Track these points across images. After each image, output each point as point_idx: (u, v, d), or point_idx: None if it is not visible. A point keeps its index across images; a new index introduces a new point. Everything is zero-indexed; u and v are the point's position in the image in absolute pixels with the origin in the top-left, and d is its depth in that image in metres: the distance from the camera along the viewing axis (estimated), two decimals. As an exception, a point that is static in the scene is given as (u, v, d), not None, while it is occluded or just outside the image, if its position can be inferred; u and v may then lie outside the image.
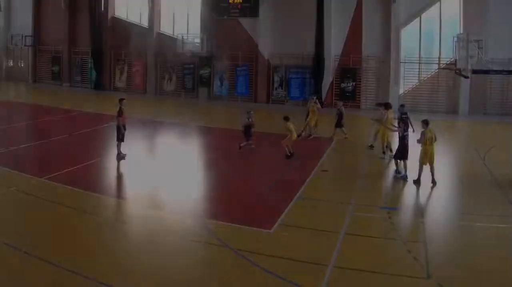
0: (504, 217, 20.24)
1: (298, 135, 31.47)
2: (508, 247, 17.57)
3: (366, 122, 35.06)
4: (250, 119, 29.74)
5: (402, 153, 25.31)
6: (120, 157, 27.98)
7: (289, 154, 28.33)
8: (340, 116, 34.45)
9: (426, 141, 24.04)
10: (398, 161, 25.52)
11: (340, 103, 36.14)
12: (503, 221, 19.82)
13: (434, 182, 24.29)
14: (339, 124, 34.46)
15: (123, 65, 64.83)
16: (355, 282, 14.76)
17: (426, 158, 24.22)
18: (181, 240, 17.43)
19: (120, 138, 28.02)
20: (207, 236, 17.78)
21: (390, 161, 28.79)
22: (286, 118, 29.24)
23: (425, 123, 24.42)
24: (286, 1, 55.11)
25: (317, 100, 36.42)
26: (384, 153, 30.41)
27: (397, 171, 25.76)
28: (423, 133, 24.14)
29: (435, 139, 24.28)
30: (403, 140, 24.90)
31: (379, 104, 33.62)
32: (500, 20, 47.28)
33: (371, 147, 32.23)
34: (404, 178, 24.86)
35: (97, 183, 23.97)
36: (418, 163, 24.44)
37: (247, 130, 29.82)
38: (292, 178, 25.47)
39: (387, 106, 31.16)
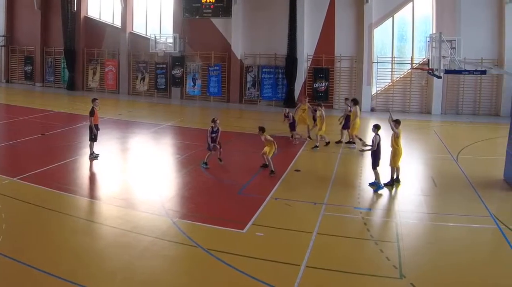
0: (477, 217, 20.35)
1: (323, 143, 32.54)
2: (480, 247, 17.71)
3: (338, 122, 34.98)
4: (215, 128, 27.59)
5: (375, 160, 24.57)
6: (93, 156, 27.97)
7: (272, 169, 26.28)
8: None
9: (399, 143, 24.10)
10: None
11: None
12: (476, 221, 19.94)
13: (398, 181, 24.64)
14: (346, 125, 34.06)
15: (96, 65, 64.59)
16: (327, 282, 14.80)
17: (399, 159, 24.32)
18: (152, 240, 17.40)
19: (93, 138, 28.02)
20: (178, 236, 17.78)
21: (361, 156, 29.21)
22: (262, 129, 27.07)
23: (398, 123, 24.38)
24: (259, 1, 55.23)
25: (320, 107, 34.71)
26: (353, 142, 32.15)
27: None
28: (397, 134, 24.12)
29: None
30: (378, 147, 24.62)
31: (347, 99, 34.34)
32: (473, 20, 47.69)
33: (339, 142, 33.38)
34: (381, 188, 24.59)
35: (69, 183, 23.85)
36: (389, 167, 24.57)
37: (214, 139, 27.85)
38: (265, 178, 25.45)
39: (355, 102, 32.83)
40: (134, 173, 26.40)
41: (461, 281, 14.83)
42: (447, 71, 27.83)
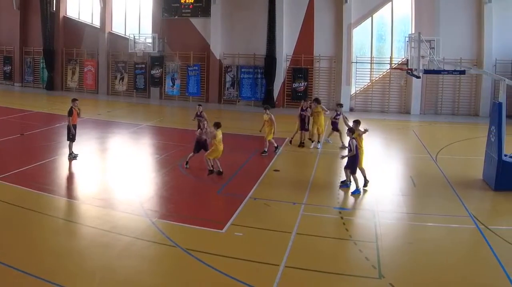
0: (456, 217, 20.41)
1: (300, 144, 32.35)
2: (459, 247, 17.75)
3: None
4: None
5: (354, 165, 24.06)
6: (72, 156, 27.81)
7: (211, 168, 25.84)
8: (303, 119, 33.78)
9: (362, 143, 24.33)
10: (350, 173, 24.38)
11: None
12: (455, 221, 20.00)
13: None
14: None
15: (75, 65, 64.37)
16: (306, 282, 14.77)
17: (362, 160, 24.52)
18: (131, 240, 17.34)
19: (71, 138, 27.88)
20: (157, 236, 17.73)
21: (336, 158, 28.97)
22: (217, 125, 25.68)
23: (358, 123, 24.52)
24: (238, 1, 55.31)
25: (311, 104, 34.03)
26: (318, 141, 32.01)
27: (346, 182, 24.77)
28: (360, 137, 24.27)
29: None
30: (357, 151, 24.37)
31: (316, 100, 33.78)
32: (452, 20, 48.05)
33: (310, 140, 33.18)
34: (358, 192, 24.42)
35: (48, 183, 23.74)
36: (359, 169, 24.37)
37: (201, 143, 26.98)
38: (244, 178, 25.39)
39: (317, 101, 32.95)
40: (113, 173, 26.31)
41: (440, 281, 14.85)
42: (426, 71, 27.90)
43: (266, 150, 30.23)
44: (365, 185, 24.03)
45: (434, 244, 17.75)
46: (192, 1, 57.21)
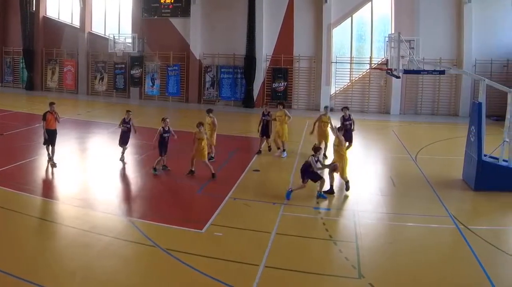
0: (436, 217, 20.49)
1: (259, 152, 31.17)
2: (439, 247, 17.77)
3: (298, 123, 34.85)
4: (166, 127, 25.88)
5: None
6: (51, 163, 27.09)
7: (192, 169, 25.56)
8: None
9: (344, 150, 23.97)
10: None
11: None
12: (435, 221, 20.07)
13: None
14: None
15: (54, 65, 64.12)
16: (286, 282, 14.82)
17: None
18: (111, 240, 17.33)
19: (45, 142, 27.32)
20: (137, 236, 17.73)
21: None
22: (200, 124, 25.40)
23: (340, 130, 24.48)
24: (218, 1, 55.36)
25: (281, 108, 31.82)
26: (284, 150, 30.42)
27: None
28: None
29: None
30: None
31: (280, 103, 31.99)
32: (431, 20, 48.31)
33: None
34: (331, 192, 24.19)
35: (28, 183, 23.65)
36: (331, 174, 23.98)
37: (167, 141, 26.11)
38: (223, 178, 25.29)
39: (283, 105, 31.28)
40: (93, 173, 26.21)
41: (420, 281, 14.92)
42: (406, 71, 27.94)
43: (213, 156, 28.84)
44: (330, 191, 23.40)
45: (414, 244, 17.85)
46: (171, 1, 57.27)
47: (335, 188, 23.57)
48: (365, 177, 26.63)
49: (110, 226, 18.82)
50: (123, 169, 27.33)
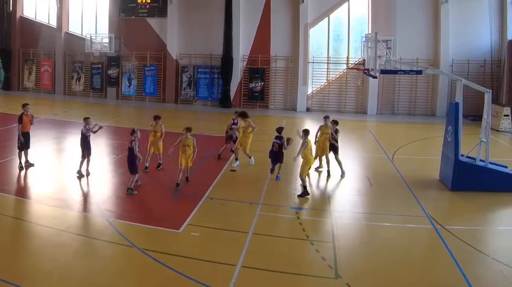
0: (412, 217, 20.57)
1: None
2: (416, 247, 17.91)
3: (275, 122, 34.83)
4: (134, 142, 23.16)
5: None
6: (27, 165, 26.68)
7: (178, 182, 23.60)
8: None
9: (308, 152, 23.70)
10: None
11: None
12: (411, 221, 20.16)
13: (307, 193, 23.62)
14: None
15: (31, 65, 63.82)
16: (263, 282, 14.84)
17: (308, 168, 24.20)
18: (88, 240, 17.35)
19: (19, 147, 26.66)
20: (114, 236, 17.67)
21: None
22: (188, 129, 23.79)
23: (306, 133, 23.96)
24: (195, 1, 55.39)
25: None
26: (250, 157, 28.95)
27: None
28: (304, 144, 23.57)
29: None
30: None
31: (241, 114, 29.47)
32: (408, 20, 48.57)
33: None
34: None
35: (4, 183, 23.55)
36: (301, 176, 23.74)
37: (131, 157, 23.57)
38: (200, 178, 25.23)
39: (242, 115, 28.77)
40: (70, 173, 25.86)
41: (397, 281, 14.98)
42: (383, 71, 27.94)
43: (161, 163, 27.24)
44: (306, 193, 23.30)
45: (390, 244, 17.91)
46: (149, 1, 57.25)
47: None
48: (342, 176, 26.69)
49: (87, 226, 18.87)
50: (101, 168, 27.18)
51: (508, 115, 41.06)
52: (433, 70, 35.63)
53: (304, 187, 23.30)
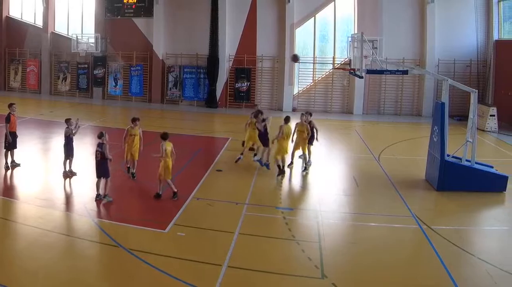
0: (399, 217, 20.63)
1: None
2: (402, 247, 17.99)
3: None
4: (104, 146, 22.37)
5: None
6: (13, 165, 26.65)
7: (159, 192, 22.31)
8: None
9: (285, 137, 25.30)
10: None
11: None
12: (398, 221, 20.20)
13: (283, 172, 25.47)
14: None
15: (17, 65, 63.51)
16: (249, 282, 14.88)
17: (281, 152, 25.59)
18: (74, 240, 17.33)
19: (7, 147, 26.60)
20: (100, 236, 17.69)
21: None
22: (164, 136, 22.21)
23: (286, 120, 25.72)
24: (181, 1, 55.29)
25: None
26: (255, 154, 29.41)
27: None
28: (280, 128, 25.31)
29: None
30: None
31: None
32: (394, 20, 48.63)
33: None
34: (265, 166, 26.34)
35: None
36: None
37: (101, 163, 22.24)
38: (186, 178, 25.22)
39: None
40: (56, 173, 25.83)
41: (383, 281, 15.01)
42: (369, 71, 27.98)
43: (133, 172, 25.98)
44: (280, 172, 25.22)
45: (376, 244, 17.94)
46: (135, 1, 57.09)
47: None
48: (328, 176, 26.78)
49: (73, 226, 18.85)
50: (87, 169, 26.99)
51: (494, 116, 41.13)
52: (419, 70, 35.66)
53: (278, 166, 24.92)
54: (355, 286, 14.78)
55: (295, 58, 28.04)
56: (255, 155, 28.75)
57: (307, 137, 27.04)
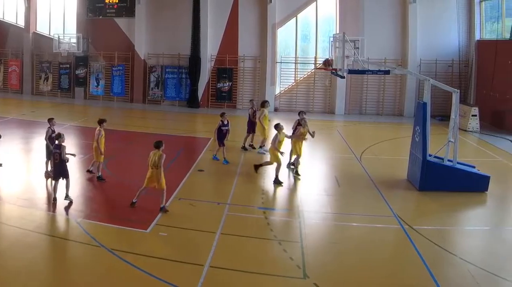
0: (380, 217, 20.69)
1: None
2: (384, 247, 18.06)
3: (243, 122, 34.69)
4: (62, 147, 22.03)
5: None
6: (-5, 166, 26.66)
7: (134, 200, 21.23)
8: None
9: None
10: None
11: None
12: (379, 221, 20.27)
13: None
14: None
15: (-1, 65, 62.97)
16: (231, 282, 14.89)
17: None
18: (56, 240, 17.32)
19: None
20: (82, 236, 17.61)
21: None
22: (158, 145, 21.01)
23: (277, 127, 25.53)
24: (162, 1, 55.10)
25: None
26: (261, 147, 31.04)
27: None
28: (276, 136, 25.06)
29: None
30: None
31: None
32: (376, 20, 48.71)
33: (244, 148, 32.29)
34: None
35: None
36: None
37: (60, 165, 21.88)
38: (168, 178, 24.82)
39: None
40: (38, 173, 25.72)
41: (365, 281, 15.05)
42: (351, 71, 28.01)
43: (100, 175, 25.45)
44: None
45: (358, 244, 18.00)
46: (116, 1, 56.86)
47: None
48: (310, 176, 26.82)
49: (55, 226, 18.84)
50: (68, 168, 26.79)
51: (476, 116, 41.21)
52: (401, 70, 35.75)
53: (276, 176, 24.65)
54: (337, 286, 14.80)
55: (327, 63, 27.94)
56: (260, 147, 30.11)
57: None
